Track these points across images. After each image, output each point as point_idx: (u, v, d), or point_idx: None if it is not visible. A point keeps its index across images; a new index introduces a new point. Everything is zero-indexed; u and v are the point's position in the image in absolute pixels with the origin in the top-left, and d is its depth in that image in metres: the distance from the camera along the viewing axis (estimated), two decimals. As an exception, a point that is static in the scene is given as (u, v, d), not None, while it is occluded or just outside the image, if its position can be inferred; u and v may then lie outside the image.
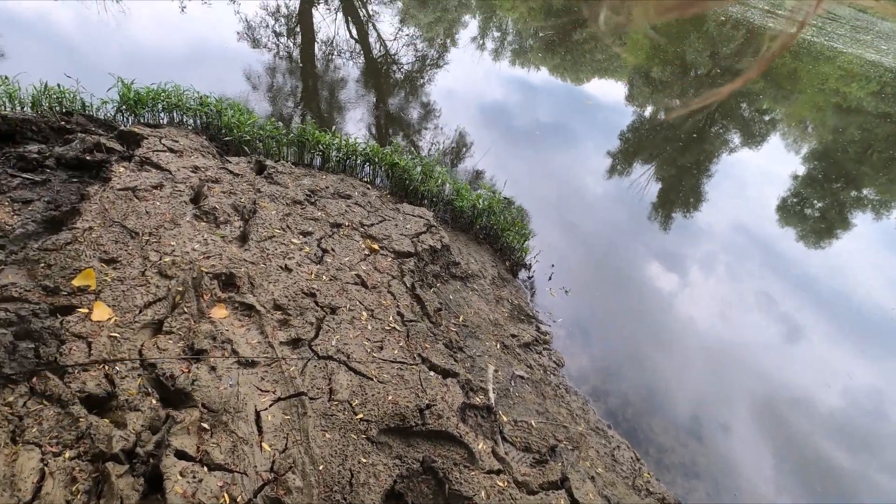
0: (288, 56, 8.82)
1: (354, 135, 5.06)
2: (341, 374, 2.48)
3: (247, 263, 2.90)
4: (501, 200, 4.15)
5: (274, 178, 3.63)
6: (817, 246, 7.83)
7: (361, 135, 6.35)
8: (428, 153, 6.36)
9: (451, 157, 6.63)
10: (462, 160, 6.57)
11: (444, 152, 6.59)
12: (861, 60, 17.65)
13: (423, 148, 6.70)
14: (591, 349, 3.82)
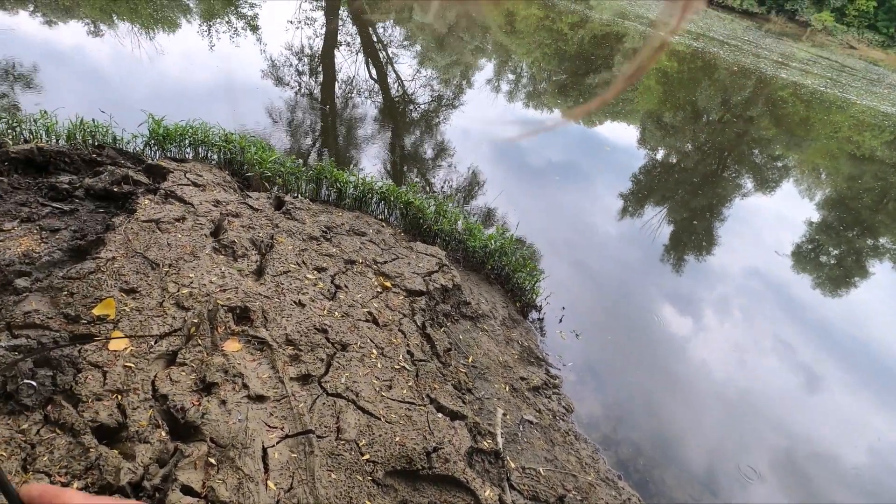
0: (309, 94, 9.18)
1: (370, 171, 5.20)
2: (350, 412, 2.48)
3: (262, 297, 2.95)
4: (513, 241, 4.20)
5: (292, 213, 3.73)
6: (834, 294, 7.72)
7: (377, 171, 6.53)
8: (441, 191, 6.50)
9: (465, 195, 6.76)
10: (475, 199, 6.69)
11: (457, 190, 6.72)
12: (874, 111, 17.81)
13: (437, 185, 6.85)
14: (601, 395, 3.76)
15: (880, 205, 12.33)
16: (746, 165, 13.16)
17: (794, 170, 14.09)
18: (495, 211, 6.21)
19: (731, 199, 10.31)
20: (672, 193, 9.81)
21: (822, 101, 18.22)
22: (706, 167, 12.01)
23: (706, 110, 16.96)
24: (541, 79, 15.33)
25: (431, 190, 6.65)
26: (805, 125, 16.31)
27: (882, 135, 16.44)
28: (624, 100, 15.81)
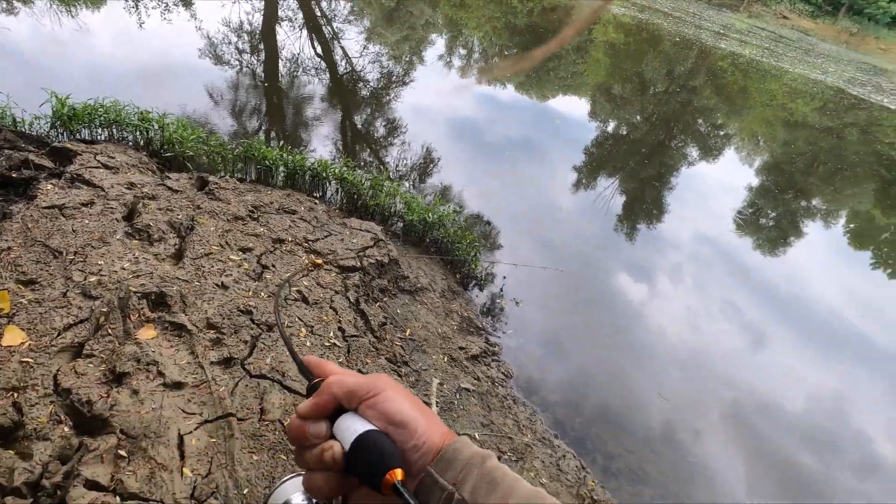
0: (252, 73, 8.75)
1: (321, 152, 5.01)
2: (275, 393, 2.41)
3: (180, 282, 2.81)
4: (452, 213, 4.16)
5: (215, 193, 3.55)
6: (773, 254, 8.12)
7: (328, 151, 6.32)
8: (395, 169, 6.38)
9: (419, 173, 6.67)
10: (430, 176, 6.61)
11: (412, 168, 6.62)
12: (805, 79, 18.68)
13: (390, 164, 6.72)
14: (542, 360, 3.83)
15: (811, 168, 13.01)
16: (691, 135, 13.57)
17: (734, 137, 14.63)
18: (450, 188, 6.16)
19: (678, 168, 10.62)
20: (623, 164, 10.01)
21: (758, 71, 18.93)
22: (654, 137, 12.31)
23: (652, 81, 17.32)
24: (493, 53, 15.18)
25: (385, 169, 6.52)
26: (743, 94, 16.93)
27: (812, 101, 17.28)
28: (574, 73, 15.91)
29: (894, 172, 13.27)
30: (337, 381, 0.53)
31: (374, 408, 0.50)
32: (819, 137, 14.87)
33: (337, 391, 0.52)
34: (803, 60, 21.43)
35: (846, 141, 14.66)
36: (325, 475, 0.50)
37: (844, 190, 12.01)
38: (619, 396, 3.85)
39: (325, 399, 0.52)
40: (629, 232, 7.31)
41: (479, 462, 0.48)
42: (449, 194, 5.99)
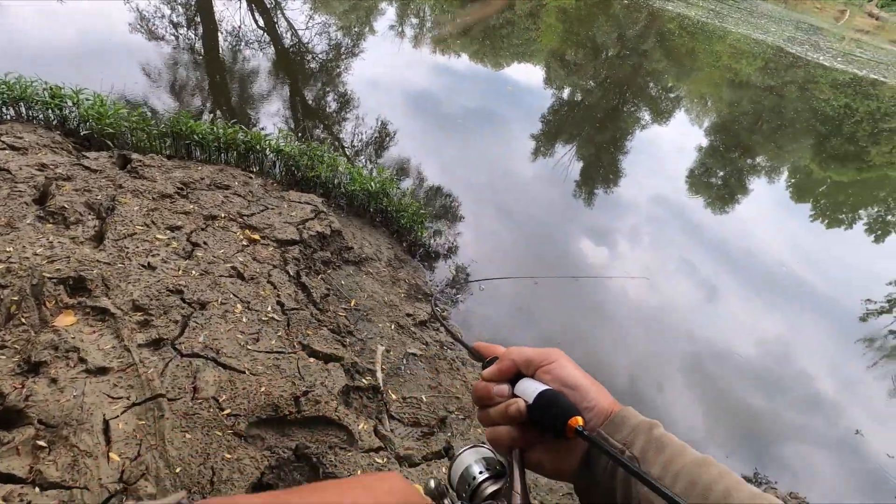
0: (190, 48, 8.25)
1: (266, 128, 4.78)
2: (208, 370, 2.33)
3: (101, 264, 2.65)
4: (394, 182, 4.08)
5: (139, 172, 3.35)
6: (723, 212, 8.42)
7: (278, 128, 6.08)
8: (350, 144, 6.21)
9: (375, 146, 6.52)
10: (385, 149, 6.47)
11: (366, 143, 6.46)
12: (748, 39, 19.16)
13: (345, 139, 6.53)
14: (494, 320, 3.86)
15: (755, 126, 13.46)
16: (644, 98, 13.75)
17: (684, 99, 14.92)
18: (408, 160, 6.05)
19: (632, 132, 10.77)
20: (579, 130, 10.07)
21: (704, 32, 19.26)
22: (608, 102, 12.42)
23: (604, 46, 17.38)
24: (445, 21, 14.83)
25: (340, 144, 6.33)
26: (691, 56, 17.25)
27: (755, 61, 17.79)
28: (527, 40, 15.77)
29: (829, 127, 13.91)
30: (517, 350, 0.60)
31: (549, 373, 0.56)
32: (762, 96, 15.36)
33: (517, 358, 0.59)
34: (747, 21, 21.93)
35: (786, 99, 15.21)
36: (508, 428, 0.55)
37: (786, 146, 12.52)
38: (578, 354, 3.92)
39: (506, 365, 0.59)
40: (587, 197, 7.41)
41: (647, 428, 0.51)
42: (407, 167, 5.90)
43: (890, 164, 12.72)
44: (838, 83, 17.33)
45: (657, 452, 0.48)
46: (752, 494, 0.44)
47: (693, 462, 0.47)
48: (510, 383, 0.59)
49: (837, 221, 9.77)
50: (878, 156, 13.09)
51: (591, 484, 0.52)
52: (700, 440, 3.60)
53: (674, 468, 0.47)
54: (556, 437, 0.52)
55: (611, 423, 0.52)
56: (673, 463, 0.47)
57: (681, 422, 3.69)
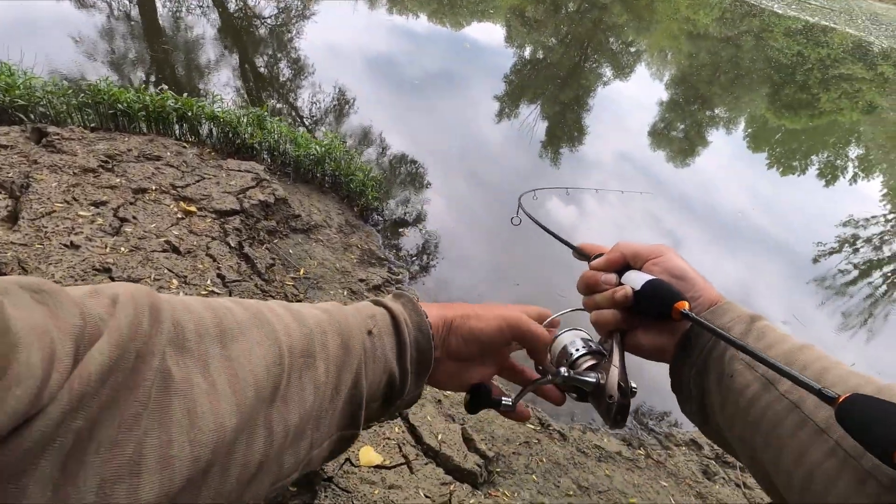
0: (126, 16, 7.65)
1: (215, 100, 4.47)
2: (141, 349, 2.19)
3: (16, 246, 2.44)
4: (340, 145, 3.91)
5: (57, 145, 3.08)
6: (684, 164, 8.51)
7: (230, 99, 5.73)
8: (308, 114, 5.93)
9: (334, 115, 6.26)
10: (345, 116, 6.22)
11: (325, 111, 6.19)
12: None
13: (302, 109, 6.24)
14: (459, 285, 3.81)
15: (714, 78, 13.56)
16: (605, 54, 13.63)
17: (644, 54, 14.86)
18: (370, 128, 5.83)
19: (594, 88, 10.68)
20: (543, 89, 9.92)
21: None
22: (570, 60, 12.25)
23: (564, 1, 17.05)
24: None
25: (298, 115, 6.04)
26: (650, 9, 17.13)
27: (712, 12, 17.82)
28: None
29: (783, 75, 14.15)
30: (625, 244, 0.63)
31: (658, 265, 0.59)
32: (719, 47, 15.46)
33: (625, 250, 0.62)
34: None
35: (743, 49, 15.36)
36: (613, 311, 0.59)
37: (742, 96, 12.69)
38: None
39: (615, 255, 0.63)
40: (553, 156, 7.36)
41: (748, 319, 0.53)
42: (370, 135, 5.69)
43: (839, 111, 13.09)
44: (791, 31, 17.57)
45: (757, 339, 0.50)
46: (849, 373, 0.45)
47: (792, 347, 0.49)
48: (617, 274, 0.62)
49: (791, 168, 10.05)
50: (827, 102, 13.44)
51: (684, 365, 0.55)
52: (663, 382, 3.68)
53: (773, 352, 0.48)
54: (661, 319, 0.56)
55: (714, 311, 0.55)
56: (772, 348, 0.49)
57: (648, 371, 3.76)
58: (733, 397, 0.49)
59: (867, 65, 15.92)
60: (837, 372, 0.44)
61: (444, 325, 0.55)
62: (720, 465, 2.50)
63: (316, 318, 0.46)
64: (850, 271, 6.25)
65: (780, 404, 0.45)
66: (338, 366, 0.45)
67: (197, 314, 0.37)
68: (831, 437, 0.40)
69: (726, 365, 0.50)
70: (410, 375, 0.52)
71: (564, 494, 2.04)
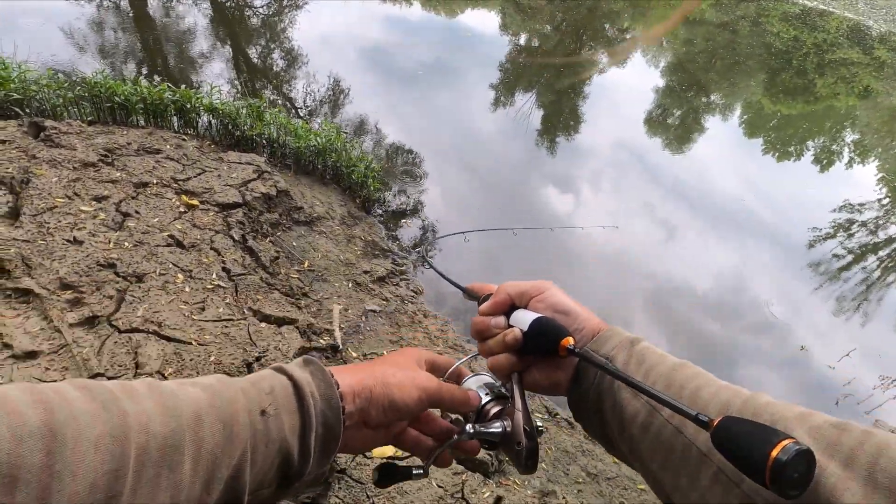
0: (115, 7, 7.53)
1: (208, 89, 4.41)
2: (150, 345, 2.20)
3: (19, 242, 2.42)
4: (342, 136, 3.88)
5: (55, 140, 3.05)
6: (680, 151, 8.50)
7: (225, 91, 5.67)
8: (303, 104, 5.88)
9: (330, 105, 6.21)
10: (341, 107, 6.17)
11: (320, 101, 6.13)
12: (701, -28, 18.92)
13: (296, 99, 6.18)
14: (460, 273, 3.82)
15: (710, 64, 13.49)
16: (601, 41, 13.52)
17: (640, 40, 14.76)
18: (366, 118, 5.78)
19: (590, 76, 10.61)
20: (538, 78, 9.85)
21: (657, -33, 18.87)
22: (565, 47, 12.15)
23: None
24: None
25: (293, 105, 5.98)
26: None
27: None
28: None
29: (780, 60, 14.10)
30: (510, 284, 0.64)
31: (542, 302, 0.61)
32: (715, 33, 15.36)
33: (511, 291, 0.63)
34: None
35: (739, 34, 15.28)
36: (506, 355, 0.60)
37: (739, 83, 12.65)
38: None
39: (501, 298, 0.63)
40: (550, 146, 7.33)
41: (629, 343, 0.55)
42: (366, 125, 5.65)
43: (835, 96, 13.08)
44: (788, 15, 17.49)
45: (638, 364, 0.52)
46: (720, 388, 0.47)
47: (670, 367, 0.51)
48: (505, 315, 0.63)
49: (787, 154, 10.06)
50: (823, 87, 13.42)
51: (580, 397, 0.56)
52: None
53: (653, 375, 0.50)
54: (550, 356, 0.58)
55: (597, 340, 0.57)
56: (652, 370, 0.51)
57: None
58: (626, 426, 0.50)
59: (864, 49, 15.89)
60: (710, 389, 0.47)
61: (361, 394, 0.52)
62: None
63: (193, 402, 0.42)
64: (845, 256, 6.31)
65: (666, 430, 0.46)
66: (213, 458, 0.41)
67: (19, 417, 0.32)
68: (713, 461, 0.42)
69: (616, 394, 0.51)
70: (313, 455, 0.48)
71: (574, 482, 2.07)
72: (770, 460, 0.35)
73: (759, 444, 0.36)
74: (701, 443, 0.43)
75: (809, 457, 0.35)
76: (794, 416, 0.41)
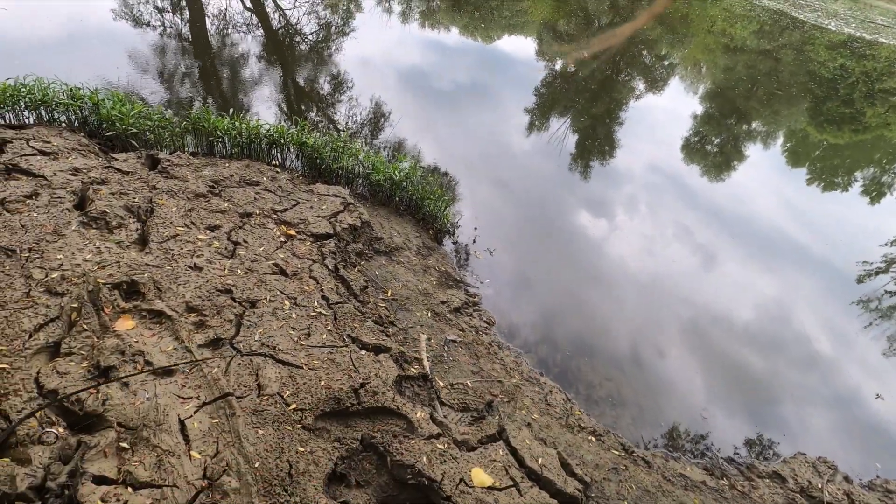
0: (178, 34, 8.09)
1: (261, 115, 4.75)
2: (268, 367, 2.42)
3: (150, 268, 2.71)
4: (418, 169, 4.12)
5: (170, 171, 3.36)
6: (719, 178, 8.50)
7: (272, 114, 6.03)
8: (346, 126, 6.18)
9: (371, 128, 6.49)
10: (381, 131, 6.45)
11: (361, 124, 6.43)
12: (743, 1, 18.90)
13: (339, 122, 6.50)
14: (520, 304, 3.98)
15: (751, 92, 13.42)
16: (637, 68, 13.64)
17: (678, 67, 14.80)
18: (405, 141, 6.04)
19: (626, 101, 10.73)
20: (573, 103, 10.02)
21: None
22: (602, 73, 12.31)
23: (597, 14, 17.09)
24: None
25: (335, 127, 6.30)
26: (685, 21, 17.04)
27: (750, 25, 17.62)
28: (517, 11, 15.52)
29: (825, 89, 13.91)
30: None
31: None
32: (757, 60, 15.28)
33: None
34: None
35: (782, 62, 15.15)
36: None
37: (781, 111, 12.53)
38: (591, 328, 4.08)
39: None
40: (584, 170, 7.46)
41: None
42: (405, 147, 5.90)
43: (885, 125, 12.82)
44: (834, 44, 17.25)
45: None
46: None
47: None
48: None
49: (833, 184, 9.91)
50: (873, 117, 13.16)
51: None
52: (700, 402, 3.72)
53: None
54: None
55: None
56: None
57: (683, 384, 3.82)
58: None
59: (915, 80, 15.52)
60: None
61: None
62: (805, 499, 2.60)
63: None
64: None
65: None
66: None
67: None
68: None
69: None
70: None
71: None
72: None
73: None
74: None
75: None
76: None
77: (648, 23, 16.51)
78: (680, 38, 16.85)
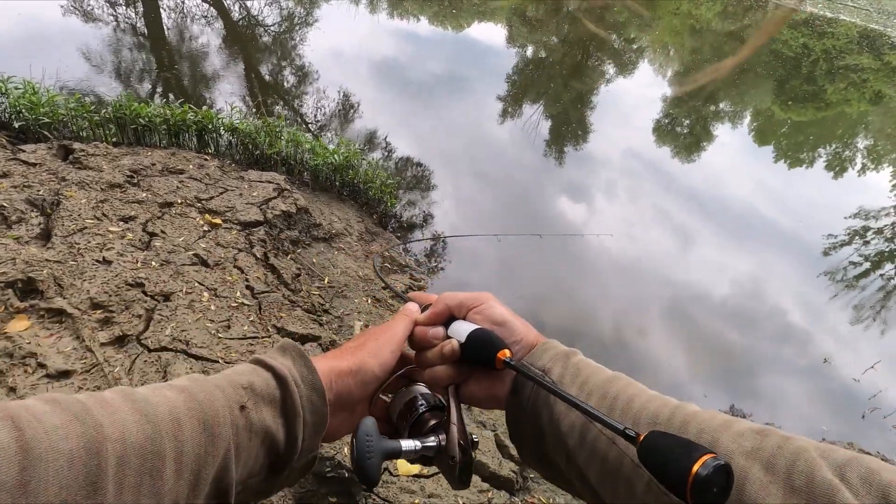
0: (132, 28, 7.74)
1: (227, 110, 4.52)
2: (178, 363, 2.24)
3: (51, 263, 2.49)
4: (358, 153, 3.95)
5: (83, 162, 3.13)
6: (690, 160, 8.50)
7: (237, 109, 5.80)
8: (314, 119, 5.99)
9: (340, 120, 6.31)
10: (350, 122, 6.27)
11: (331, 116, 6.24)
12: (706, -18, 19.04)
13: (307, 115, 6.30)
14: (473, 285, 3.84)
15: (718, 72, 13.48)
16: (607, 52, 13.60)
17: (647, 50, 14.81)
18: (375, 132, 5.87)
19: (597, 86, 10.67)
20: (545, 89, 9.93)
21: (662, -22, 19.01)
22: (572, 58, 12.24)
23: (565, 2, 17.01)
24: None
25: (304, 121, 6.10)
26: (652, 4, 17.08)
27: (714, 6, 17.76)
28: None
29: (788, 68, 14.07)
30: (449, 295, 0.64)
31: (480, 313, 0.60)
32: (722, 41, 15.39)
33: (449, 302, 0.63)
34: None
35: (746, 43, 15.29)
36: (444, 367, 0.59)
37: (748, 91, 12.63)
38: (570, 311, 3.99)
39: (440, 309, 0.63)
40: (558, 156, 7.37)
41: (564, 356, 0.55)
42: (376, 139, 5.74)
43: (846, 101, 13.02)
44: (796, 23, 17.48)
45: (574, 376, 0.52)
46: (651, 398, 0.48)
47: (604, 380, 0.51)
48: (444, 326, 0.62)
49: (798, 161, 10.01)
50: (834, 94, 13.36)
51: (518, 410, 0.56)
52: (682, 380, 3.71)
53: (587, 388, 0.51)
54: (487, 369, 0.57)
55: (534, 353, 0.57)
56: (587, 383, 0.51)
57: (665, 361, 3.79)
58: (563, 438, 0.50)
59: (875, 55, 15.81)
60: (641, 400, 0.48)
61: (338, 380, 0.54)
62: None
63: (169, 405, 0.41)
64: (862, 263, 6.23)
65: (601, 441, 0.47)
66: (196, 459, 0.41)
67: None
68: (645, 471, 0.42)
69: (553, 406, 0.51)
70: (301, 440, 0.49)
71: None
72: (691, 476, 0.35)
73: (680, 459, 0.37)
74: (633, 453, 0.43)
75: (728, 470, 0.36)
76: (718, 425, 0.42)
77: (616, 4, 16.50)
78: (647, 21, 16.88)
